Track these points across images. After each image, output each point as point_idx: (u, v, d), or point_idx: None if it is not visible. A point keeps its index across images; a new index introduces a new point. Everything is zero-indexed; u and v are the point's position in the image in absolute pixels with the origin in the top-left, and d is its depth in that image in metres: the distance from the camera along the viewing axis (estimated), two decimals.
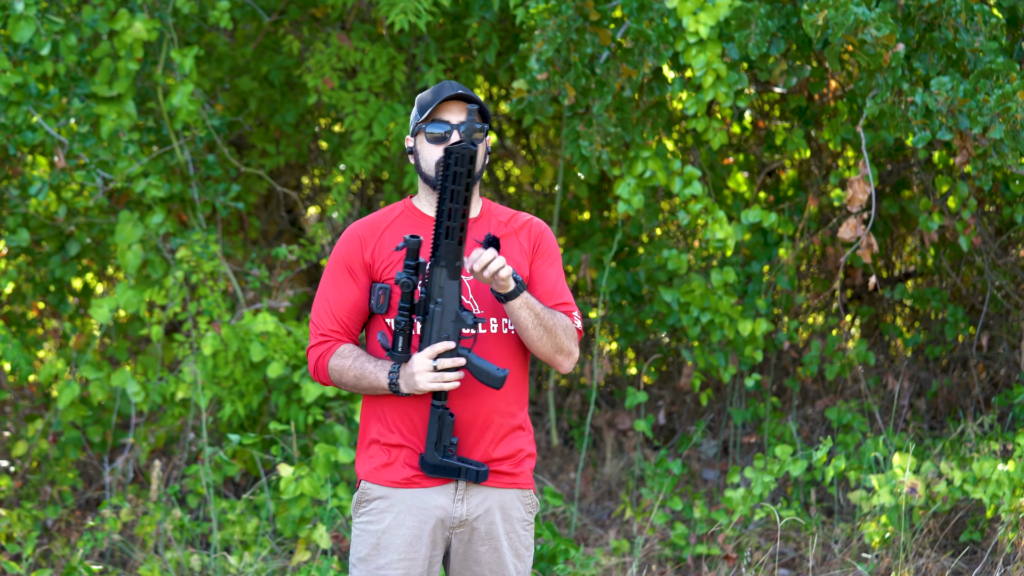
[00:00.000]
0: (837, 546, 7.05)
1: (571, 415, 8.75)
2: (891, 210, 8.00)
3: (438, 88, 4.24)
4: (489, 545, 4.31)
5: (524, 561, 4.38)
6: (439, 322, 4.12)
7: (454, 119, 4.21)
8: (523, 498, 4.37)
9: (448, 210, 4.03)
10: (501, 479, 4.30)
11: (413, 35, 7.97)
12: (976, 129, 6.17)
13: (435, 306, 4.12)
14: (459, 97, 4.21)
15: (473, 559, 4.32)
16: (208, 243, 7.35)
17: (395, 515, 4.25)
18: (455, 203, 4.02)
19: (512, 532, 4.34)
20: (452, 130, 4.20)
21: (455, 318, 4.12)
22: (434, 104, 4.20)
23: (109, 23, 7.02)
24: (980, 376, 8.25)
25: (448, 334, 4.12)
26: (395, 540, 4.25)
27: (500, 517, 4.31)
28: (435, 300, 4.12)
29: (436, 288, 4.12)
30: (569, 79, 6.68)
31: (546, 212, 8.55)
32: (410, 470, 4.25)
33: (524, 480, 4.35)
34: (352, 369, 4.23)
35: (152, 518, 7.01)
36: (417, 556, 4.26)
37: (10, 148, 6.95)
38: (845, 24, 6.01)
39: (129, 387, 7.29)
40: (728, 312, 7.34)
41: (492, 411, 4.26)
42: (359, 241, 4.30)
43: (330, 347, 4.30)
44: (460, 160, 3.99)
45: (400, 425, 4.26)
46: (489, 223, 4.33)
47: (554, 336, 4.20)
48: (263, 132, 8.51)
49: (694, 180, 7.00)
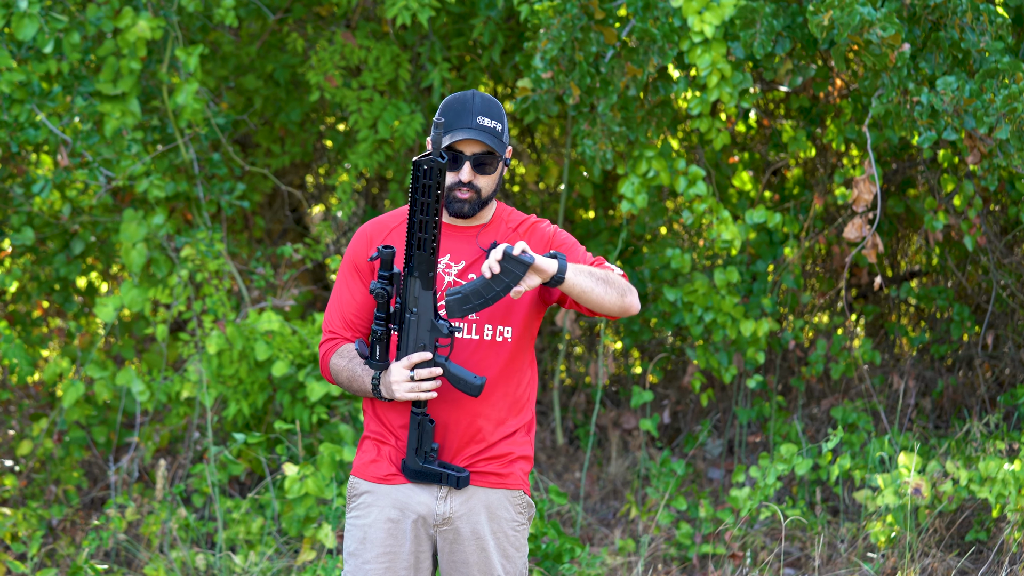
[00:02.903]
0: (843, 545, 7.04)
1: (576, 414, 8.74)
2: (896, 209, 7.99)
3: (458, 111, 4.20)
4: (475, 545, 4.31)
5: (514, 562, 4.37)
6: (415, 331, 4.16)
7: (468, 150, 4.20)
8: (512, 499, 4.36)
9: (419, 222, 4.06)
10: (488, 479, 4.31)
11: (418, 33, 7.96)
12: (982, 129, 6.16)
13: (410, 316, 4.16)
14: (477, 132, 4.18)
15: (460, 560, 4.32)
16: (213, 242, 7.35)
17: (379, 509, 4.30)
18: (426, 215, 4.05)
19: (500, 532, 4.34)
20: (466, 160, 4.19)
21: (430, 327, 4.15)
22: (453, 135, 4.16)
23: (113, 21, 7.01)
24: (985, 375, 8.24)
25: (424, 343, 4.16)
26: (379, 535, 4.29)
27: (486, 517, 4.31)
28: (410, 310, 4.16)
29: (411, 298, 4.15)
30: (574, 78, 6.67)
31: (551, 211, 8.54)
32: (394, 466, 4.29)
33: (514, 481, 4.34)
34: (346, 370, 4.29)
35: (157, 517, 7.01)
36: (400, 551, 4.28)
37: (13, 146, 6.94)
38: (851, 24, 5.99)
39: (134, 386, 7.28)
40: (731, 312, 7.33)
41: (477, 416, 4.27)
42: (367, 240, 4.34)
43: (334, 345, 4.35)
44: (429, 173, 4.01)
45: (386, 423, 4.31)
46: (498, 229, 4.33)
47: (615, 285, 4.17)
48: (268, 131, 8.50)
49: (698, 180, 6.98)
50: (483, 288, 4.04)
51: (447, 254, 4.27)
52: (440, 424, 4.24)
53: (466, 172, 4.18)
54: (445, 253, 4.28)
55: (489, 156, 4.20)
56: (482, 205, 4.24)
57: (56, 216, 7.65)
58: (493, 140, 4.18)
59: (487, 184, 4.23)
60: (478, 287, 4.04)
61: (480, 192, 4.22)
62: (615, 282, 4.18)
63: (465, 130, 4.16)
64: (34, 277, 8.06)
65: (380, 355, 4.17)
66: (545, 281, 4.05)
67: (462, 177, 4.18)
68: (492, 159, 4.21)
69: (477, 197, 4.22)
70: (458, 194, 4.20)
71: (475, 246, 4.29)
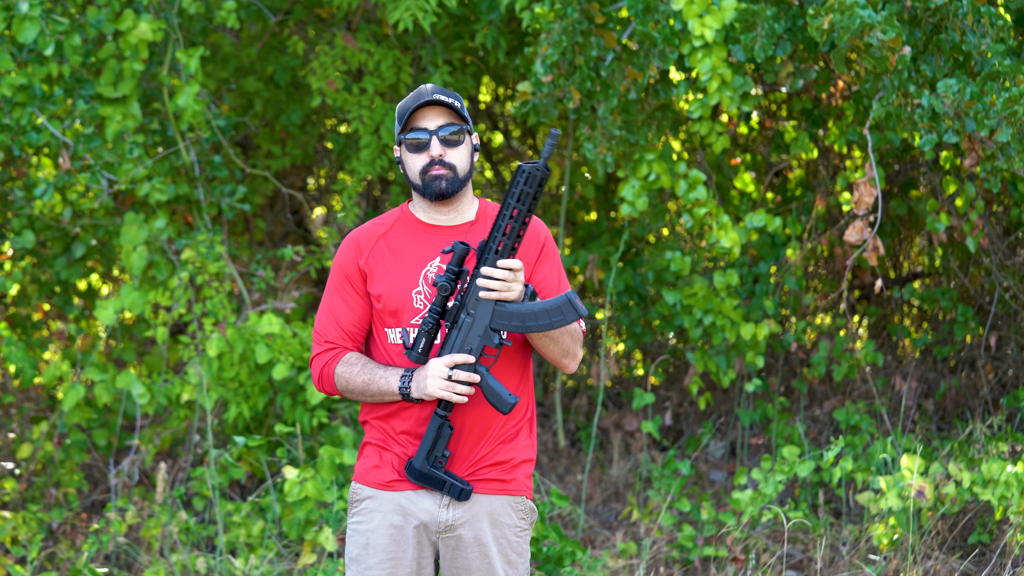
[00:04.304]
0: (845, 548, 7.02)
1: (578, 416, 8.73)
2: (899, 210, 7.97)
3: (414, 95, 4.25)
4: (478, 551, 4.31)
5: (516, 568, 4.38)
6: (465, 334, 4.15)
7: (431, 124, 4.22)
8: (515, 504, 4.37)
9: (507, 226, 4.07)
10: (490, 486, 4.32)
11: (419, 36, 7.94)
12: (983, 132, 6.14)
13: (466, 317, 4.15)
14: (433, 102, 4.21)
15: (463, 566, 4.33)
16: (213, 244, 7.33)
17: (382, 515, 4.30)
18: (516, 221, 4.06)
19: (503, 539, 4.34)
20: (431, 136, 4.21)
21: (483, 333, 4.14)
22: (408, 113, 4.21)
23: (114, 24, 7.00)
24: (988, 377, 8.22)
25: (472, 347, 4.14)
26: (381, 540, 4.29)
27: (488, 524, 4.32)
28: (468, 311, 4.15)
29: (472, 300, 4.14)
30: (574, 82, 6.65)
31: (552, 212, 8.53)
32: (396, 472, 4.29)
33: (516, 487, 4.35)
34: (361, 374, 4.25)
35: (158, 520, 7.00)
36: (403, 557, 4.29)
37: (16, 149, 6.93)
38: (851, 28, 5.97)
39: (134, 389, 7.27)
40: (730, 315, 7.32)
41: (493, 417, 4.28)
42: (356, 248, 4.32)
43: (336, 355, 4.31)
44: (531, 180, 4.03)
45: (387, 430, 4.30)
46: (484, 227, 4.33)
47: (560, 342, 4.24)
48: (268, 133, 8.49)
49: (699, 184, 6.97)
50: (538, 315, 4.10)
51: (437, 256, 4.27)
52: (455, 431, 4.25)
53: (435, 146, 4.20)
54: (435, 255, 4.27)
55: (454, 130, 4.22)
56: (461, 184, 4.24)
57: (57, 219, 7.64)
58: (452, 108, 4.21)
59: (460, 159, 4.23)
60: (536, 311, 4.09)
61: (455, 169, 4.22)
62: (563, 341, 4.25)
63: (422, 99, 4.20)
64: (35, 280, 8.05)
65: (423, 349, 4.17)
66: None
67: (433, 153, 4.19)
68: (458, 132, 4.22)
69: (453, 174, 4.22)
70: (433, 172, 4.20)
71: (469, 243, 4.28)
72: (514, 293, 4.11)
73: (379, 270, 4.27)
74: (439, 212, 4.31)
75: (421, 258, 4.27)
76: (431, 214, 4.31)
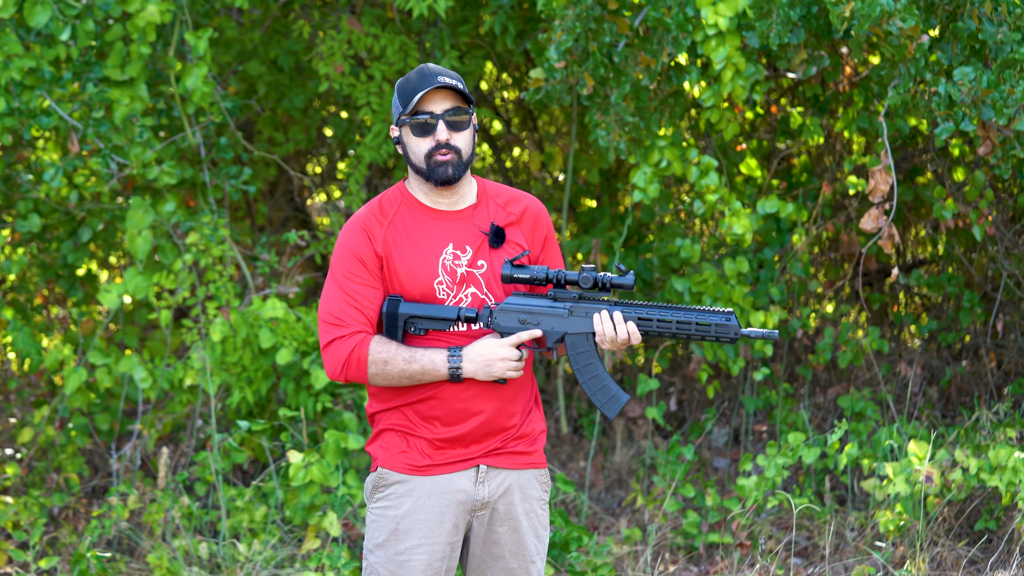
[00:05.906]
0: (851, 534, 7.03)
1: (580, 403, 8.72)
2: (905, 197, 7.96)
3: (418, 77, 4.22)
4: (508, 526, 4.34)
5: (543, 541, 4.43)
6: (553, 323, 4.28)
7: (438, 108, 4.19)
8: (539, 477, 4.41)
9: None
10: (519, 459, 4.34)
11: (424, 20, 7.90)
12: (1001, 120, 6.13)
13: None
14: (441, 85, 4.19)
15: (493, 541, 4.35)
16: (217, 227, 7.29)
17: (415, 499, 4.27)
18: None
19: (531, 512, 4.37)
20: (438, 120, 4.18)
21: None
22: (416, 96, 4.18)
23: (122, 5, 6.94)
24: (992, 364, 8.23)
25: None
26: (416, 524, 4.27)
27: (519, 497, 4.34)
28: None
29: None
30: (587, 68, 6.62)
31: (555, 199, 8.51)
32: (427, 458, 4.27)
33: (538, 459, 4.39)
34: (401, 351, 4.20)
35: (160, 506, 6.98)
36: (439, 540, 4.27)
37: (25, 133, 6.88)
38: (872, 16, 5.96)
39: (136, 373, 7.24)
40: (740, 302, 7.31)
41: (507, 401, 4.31)
42: (367, 234, 4.25)
43: (364, 338, 4.21)
44: (720, 339, 4.23)
45: (419, 415, 4.27)
46: (488, 209, 4.31)
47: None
48: (270, 118, 8.45)
49: (711, 170, 6.94)
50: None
51: (449, 243, 4.25)
52: (477, 411, 4.26)
53: (442, 131, 4.18)
54: (447, 242, 4.25)
55: (460, 112, 4.20)
56: (464, 167, 4.23)
57: (63, 203, 7.59)
58: (457, 91, 4.20)
59: (464, 143, 4.22)
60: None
61: (460, 153, 4.21)
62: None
63: (429, 85, 4.17)
64: (39, 264, 8.01)
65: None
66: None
67: (439, 137, 4.17)
68: (463, 115, 4.21)
69: (458, 158, 4.20)
70: (439, 157, 4.19)
71: (474, 230, 4.28)
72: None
73: (396, 258, 4.23)
74: (442, 196, 4.28)
75: (435, 246, 4.24)
76: (434, 198, 4.28)
